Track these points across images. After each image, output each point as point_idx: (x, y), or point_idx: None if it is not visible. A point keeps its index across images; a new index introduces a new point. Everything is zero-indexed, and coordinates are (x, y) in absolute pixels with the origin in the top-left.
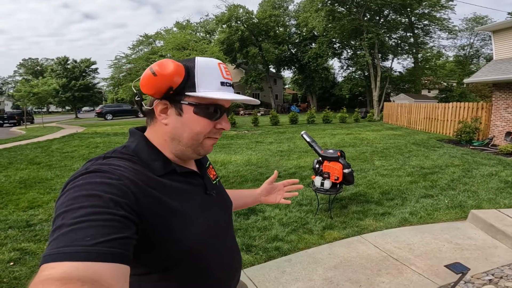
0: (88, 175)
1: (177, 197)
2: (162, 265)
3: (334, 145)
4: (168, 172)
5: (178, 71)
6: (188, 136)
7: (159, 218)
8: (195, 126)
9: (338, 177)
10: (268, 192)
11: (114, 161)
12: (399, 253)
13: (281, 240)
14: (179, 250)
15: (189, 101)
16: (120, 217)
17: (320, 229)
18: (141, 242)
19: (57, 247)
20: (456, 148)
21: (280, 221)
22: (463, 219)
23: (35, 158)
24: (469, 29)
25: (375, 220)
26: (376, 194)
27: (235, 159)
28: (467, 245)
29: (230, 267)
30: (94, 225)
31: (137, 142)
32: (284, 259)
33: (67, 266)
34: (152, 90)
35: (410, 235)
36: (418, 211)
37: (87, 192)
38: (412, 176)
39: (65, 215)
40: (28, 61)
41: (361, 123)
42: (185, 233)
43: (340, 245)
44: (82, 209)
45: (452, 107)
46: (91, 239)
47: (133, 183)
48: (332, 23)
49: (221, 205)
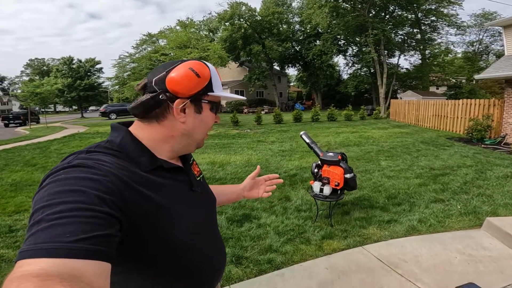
0: (71, 169)
1: (164, 193)
2: (149, 262)
3: (338, 144)
4: (155, 168)
5: (210, 73)
6: (202, 131)
7: (146, 215)
8: (209, 121)
9: (339, 183)
10: (251, 187)
11: (99, 155)
12: (404, 267)
13: (275, 251)
14: (167, 247)
15: (208, 99)
16: (104, 214)
17: (319, 239)
18: (128, 239)
19: (35, 242)
20: (467, 147)
21: (275, 229)
22: (477, 227)
23: (31, 160)
24: (478, 25)
25: (379, 228)
26: (381, 199)
27: (235, 159)
28: (481, 257)
29: (217, 263)
30: (75, 221)
31: (122, 137)
32: (276, 274)
33: (45, 262)
34: (190, 89)
35: (418, 245)
36: (428, 218)
37: (70, 187)
38: (421, 178)
39: (45, 210)
40: (34, 61)
41: (367, 121)
42: (172, 230)
43: (340, 258)
44: (63, 205)
45: (462, 104)
46: (71, 235)
47: (119, 179)
48: (336, 20)
49: (206, 202)
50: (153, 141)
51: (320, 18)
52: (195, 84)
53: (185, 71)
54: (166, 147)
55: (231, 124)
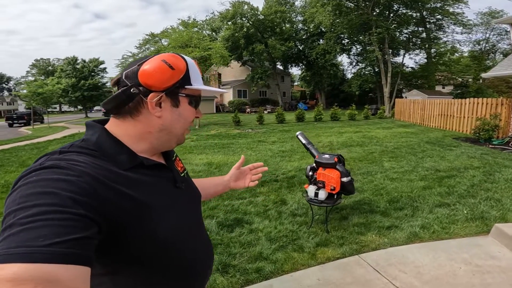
0: (43, 171)
1: (145, 192)
2: (135, 261)
3: (340, 144)
4: (134, 165)
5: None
6: (181, 126)
7: (127, 215)
8: (189, 116)
9: (335, 187)
10: (237, 177)
11: (73, 156)
12: (403, 279)
13: (265, 259)
14: (152, 245)
15: (186, 93)
16: (79, 216)
17: (313, 246)
18: (110, 239)
19: (8, 247)
20: (475, 147)
21: (267, 235)
22: (485, 234)
23: (27, 160)
24: (484, 24)
25: (379, 235)
26: (382, 203)
27: (233, 160)
28: (489, 267)
29: (204, 260)
30: (48, 225)
31: (98, 135)
32: (264, 285)
33: (18, 267)
34: (163, 82)
35: (420, 254)
36: (432, 224)
37: (42, 189)
38: (425, 181)
39: (17, 213)
40: (40, 61)
41: (371, 121)
42: (156, 228)
43: (334, 268)
44: (36, 208)
45: (469, 103)
46: (45, 239)
47: (95, 179)
48: (340, 18)
49: (190, 198)
50: (130, 137)
51: (322, 17)
52: (168, 76)
53: (158, 63)
54: (144, 144)
55: (232, 124)
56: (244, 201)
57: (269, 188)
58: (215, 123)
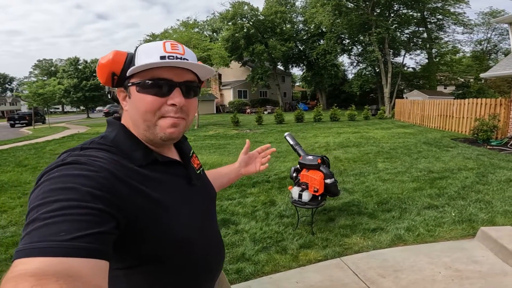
0: (64, 167)
1: (159, 189)
2: (149, 257)
3: (337, 145)
4: (150, 162)
5: (116, 57)
6: (139, 117)
7: (142, 211)
8: (141, 105)
9: (318, 189)
10: (246, 163)
11: (92, 152)
12: (380, 283)
13: (247, 260)
14: (165, 241)
15: (132, 81)
16: (98, 211)
17: (296, 248)
18: (125, 235)
19: (30, 242)
20: (472, 148)
21: (252, 236)
22: (471, 237)
23: (24, 160)
24: (485, 24)
25: (363, 237)
26: (371, 204)
27: (227, 161)
28: (470, 272)
29: (216, 257)
30: (69, 220)
31: (116, 132)
32: (242, 286)
33: (40, 261)
34: (101, 79)
35: (401, 258)
36: (417, 227)
37: (63, 184)
38: (417, 182)
39: (39, 208)
40: (42, 62)
41: (370, 121)
42: (170, 225)
43: (314, 270)
44: (57, 203)
45: (468, 103)
46: (66, 234)
47: (113, 175)
48: (340, 18)
49: (205, 196)
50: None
51: (322, 17)
52: (99, 72)
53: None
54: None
55: (231, 124)
56: (233, 202)
57: (260, 188)
58: (214, 124)
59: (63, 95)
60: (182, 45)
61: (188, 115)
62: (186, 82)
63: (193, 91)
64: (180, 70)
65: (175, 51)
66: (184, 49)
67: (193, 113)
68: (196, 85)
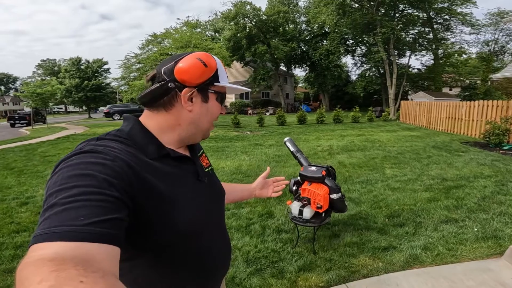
0: (82, 155)
1: (168, 181)
2: (153, 248)
3: (341, 148)
4: (161, 156)
5: (216, 64)
6: (209, 120)
7: (151, 201)
8: (215, 111)
9: (322, 205)
10: (262, 186)
11: (108, 142)
12: None
13: (237, 285)
14: (170, 234)
15: (214, 89)
16: (114, 198)
17: (295, 271)
18: (132, 224)
19: (49, 226)
20: (484, 153)
21: (246, 255)
22: (497, 256)
23: (12, 163)
24: (493, 24)
25: (372, 257)
26: (381, 217)
27: (224, 165)
28: None
29: (221, 254)
30: (87, 205)
31: (131, 126)
32: None
33: (59, 246)
34: (197, 78)
35: (418, 283)
36: (435, 245)
37: (81, 171)
38: (431, 191)
39: (58, 194)
40: (46, 61)
41: (375, 123)
42: (175, 217)
43: None
44: (76, 188)
45: (478, 105)
46: (85, 219)
47: (127, 165)
48: (344, 18)
49: (213, 193)
50: (161, 129)
51: (326, 16)
52: (201, 73)
53: (193, 61)
54: (173, 136)
55: (232, 126)
56: (227, 213)
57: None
58: (215, 125)
59: (65, 95)
60: None
61: None
62: None
63: None
64: None
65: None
66: None
67: None
68: None
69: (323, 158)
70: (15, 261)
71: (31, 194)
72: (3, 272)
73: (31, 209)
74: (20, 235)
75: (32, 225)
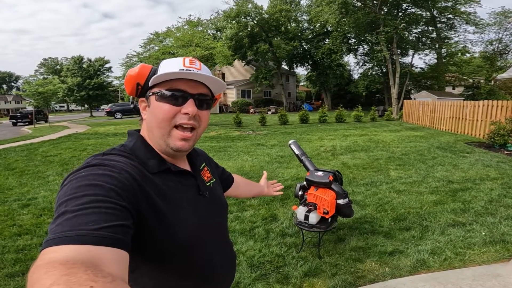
0: (90, 168)
1: (169, 195)
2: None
3: (344, 149)
4: (162, 170)
5: (142, 69)
6: (156, 125)
7: (152, 213)
8: (158, 113)
9: (328, 211)
10: (267, 186)
11: (114, 157)
12: None
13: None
14: (171, 245)
15: (152, 91)
16: (121, 206)
17: (300, 276)
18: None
19: (61, 231)
20: (490, 154)
21: (250, 259)
22: (505, 261)
23: (13, 163)
24: (497, 23)
25: (379, 262)
26: (386, 221)
27: (226, 166)
28: None
29: (223, 265)
30: (97, 212)
31: (134, 142)
32: None
33: (70, 249)
34: (127, 89)
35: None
36: (443, 249)
37: (90, 182)
38: (437, 194)
39: (68, 202)
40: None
41: (377, 123)
42: (176, 229)
43: None
44: (86, 197)
45: (483, 105)
46: (95, 224)
47: (132, 177)
48: (346, 17)
49: (214, 206)
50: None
51: (328, 15)
52: (126, 83)
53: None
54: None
55: (233, 125)
56: (231, 216)
57: (260, 200)
58: (216, 124)
59: (67, 93)
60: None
61: (200, 124)
62: (199, 94)
63: (205, 103)
64: (195, 83)
65: (192, 66)
66: (201, 65)
67: (205, 124)
68: (209, 98)
69: (326, 159)
70: (17, 265)
71: (33, 195)
72: (5, 276)
73: (32, 211)
74: (22, 238)
75: (34, 228)
